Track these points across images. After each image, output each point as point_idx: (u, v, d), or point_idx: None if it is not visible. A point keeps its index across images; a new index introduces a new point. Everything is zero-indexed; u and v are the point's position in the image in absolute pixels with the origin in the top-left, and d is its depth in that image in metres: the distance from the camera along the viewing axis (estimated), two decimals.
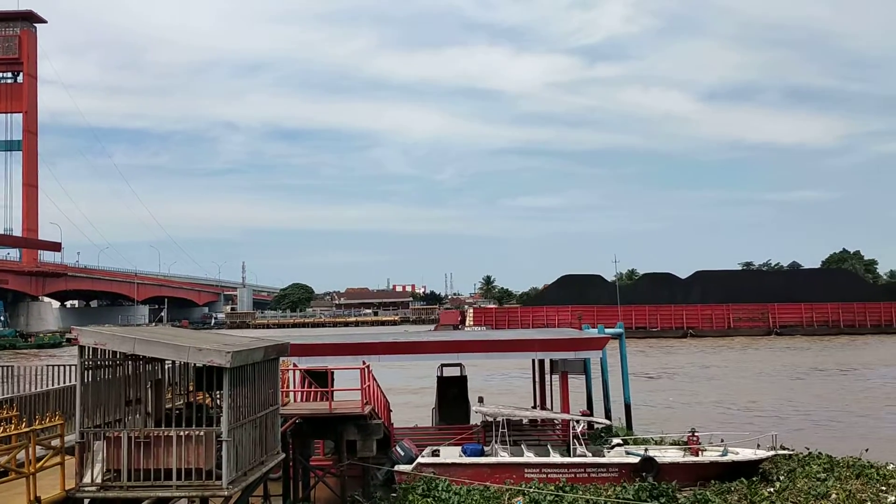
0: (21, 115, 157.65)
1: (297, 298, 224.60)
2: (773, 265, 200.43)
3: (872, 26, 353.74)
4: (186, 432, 13.01)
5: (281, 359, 17.67)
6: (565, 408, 25.31)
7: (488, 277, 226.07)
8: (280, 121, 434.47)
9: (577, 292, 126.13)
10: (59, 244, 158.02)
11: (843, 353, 77.95)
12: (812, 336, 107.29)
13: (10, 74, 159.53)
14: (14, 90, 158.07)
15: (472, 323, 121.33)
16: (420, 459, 22.53)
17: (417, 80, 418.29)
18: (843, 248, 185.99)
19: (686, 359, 73.75)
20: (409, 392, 41.52)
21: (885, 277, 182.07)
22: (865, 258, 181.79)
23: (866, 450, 24.34)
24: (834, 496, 19.28)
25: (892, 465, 22.45)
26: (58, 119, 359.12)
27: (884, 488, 20.28)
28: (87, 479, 12.82)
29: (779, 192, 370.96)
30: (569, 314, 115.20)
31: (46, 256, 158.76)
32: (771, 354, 78.26)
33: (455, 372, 29.67)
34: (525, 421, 26.91)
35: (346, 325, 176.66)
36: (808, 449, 24.53)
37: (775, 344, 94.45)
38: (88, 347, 13.14)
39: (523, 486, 20.63)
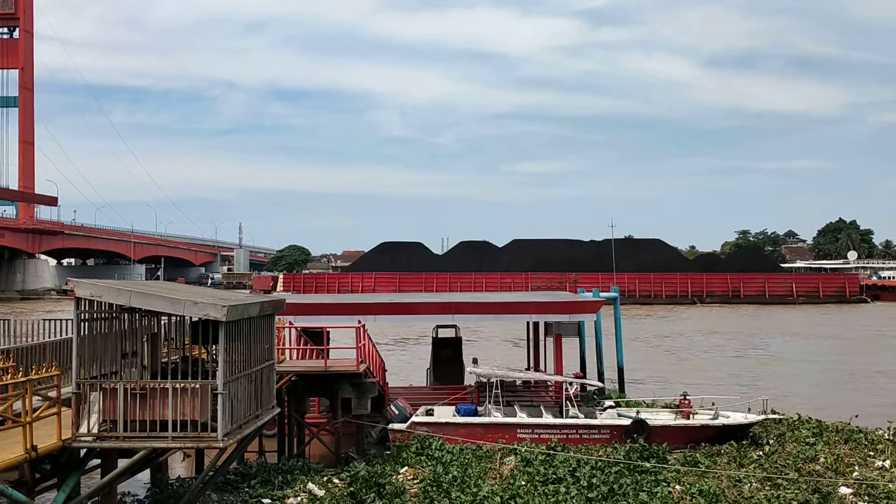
0: (17, 70, 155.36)
1: (293, 260, 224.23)
2: (769, 234, 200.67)
3: None
4: (182, 384, 13.11)
5: (277, 317, 17.76)
6: (559, 370, 25.49)
7: (484, 241, 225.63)
8: (280, 81, 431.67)
9: (392, 260, 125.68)
10: (56, 198, 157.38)
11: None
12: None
13: (6, 30, 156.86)
14: (10, 46, 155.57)
15: (282, 288, 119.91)
16: (414, 418, 22.69)
17: (420, 41, 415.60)
18: (840, 218, 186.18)
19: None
20: (405, 353, 41.70)
21: (880, 248, 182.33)
22: (861, 228, 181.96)
23: (856, 416, 24.57)
24: (822, 460, 19.48)
25: (880, 431, 22.67)
26: (55, 76, 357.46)
27: (871, 453, 20.51)
28: (83, 430, 12.94)
29: (778, 160, 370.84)
30: (372, 281, 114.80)
31: (43, 214, 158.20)
32: None
33: (450, 333, 29.83)
34: (518, 382, 27.11)
35: None
36: (798, 415, 24.74)
37: None
38: (85, 300, 13.19)
39: (515, 445, 20.83)
